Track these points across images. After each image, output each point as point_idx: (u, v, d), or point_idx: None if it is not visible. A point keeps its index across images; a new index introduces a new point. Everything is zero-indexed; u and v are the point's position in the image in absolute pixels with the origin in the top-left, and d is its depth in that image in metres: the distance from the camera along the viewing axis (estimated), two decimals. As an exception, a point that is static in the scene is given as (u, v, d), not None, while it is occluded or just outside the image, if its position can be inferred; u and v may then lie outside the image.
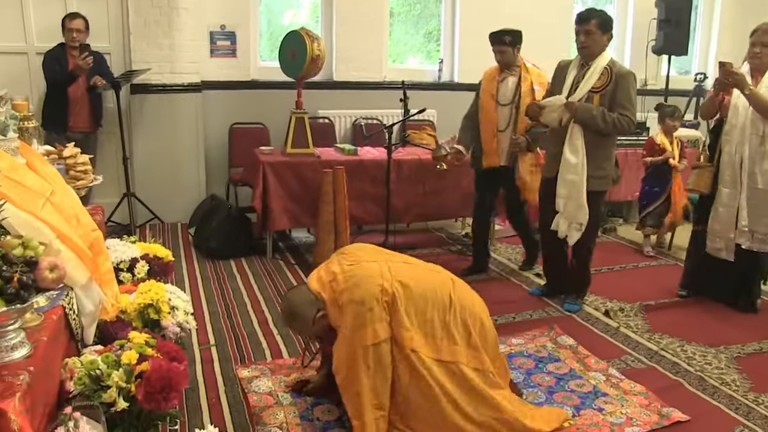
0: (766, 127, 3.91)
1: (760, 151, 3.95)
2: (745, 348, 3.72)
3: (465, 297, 2.81)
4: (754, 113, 3.92)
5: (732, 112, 4.01)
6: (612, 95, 3.88)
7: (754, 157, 3.96)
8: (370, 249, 2.92)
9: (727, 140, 4.06)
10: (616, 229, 6.35)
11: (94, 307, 2.22)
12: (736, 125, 4.01)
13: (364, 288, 2.59)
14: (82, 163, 2.89)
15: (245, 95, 6.27)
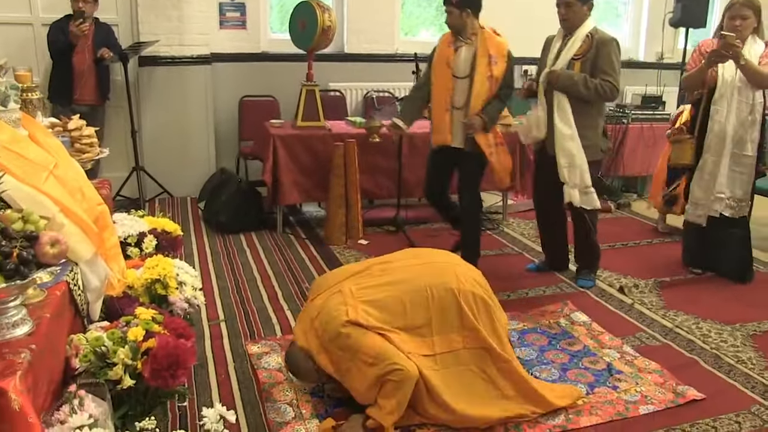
0: (756, 96, 4.01)
1: (749, 120, 4.04)
2: (761, 326, 3.66)
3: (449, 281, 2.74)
4: (742, 82, 3.98)
5: (720, 82, 4.05)
6: (594, 61, 3.87)
7: (744, 125, 4.05)
8: (333, 276, 2.89)
9: (716, 110, 4.09)
10: (631, 204, 6.27)
11: (99, 283, 2.19)
12: (724, 94, 4.05)
13: (333, 323, 2.59)
14: (87, 136, 2.83)
15: (255, 68, 6.19)
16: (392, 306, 2.65)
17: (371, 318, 2.59)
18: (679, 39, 7.30)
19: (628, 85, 7.47)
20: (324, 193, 5.00)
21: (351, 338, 2.54)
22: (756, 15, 4.00)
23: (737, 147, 4.10)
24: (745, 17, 3.97)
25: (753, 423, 2.72)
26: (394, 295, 2.67)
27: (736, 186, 4.16)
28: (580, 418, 2.71)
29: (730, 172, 4.14)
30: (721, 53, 3.89)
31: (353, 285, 2.71)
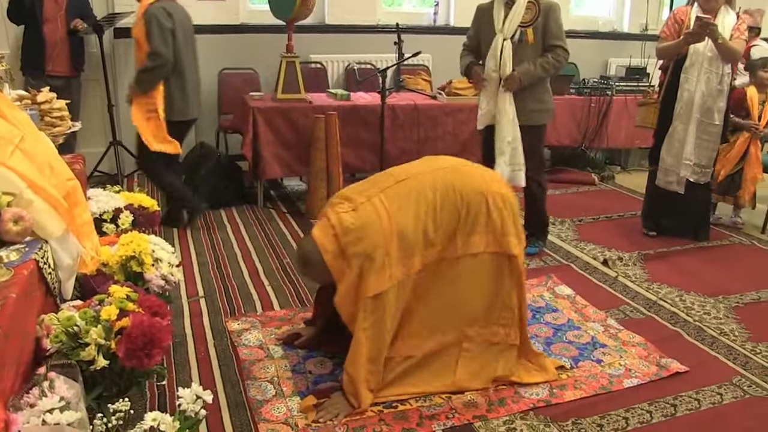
0: (725, 67, 4.16)
1: (717, 89, 4.18)
2: (743, 297, 3.67)
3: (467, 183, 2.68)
4: (712, 52, 4.12)
5: (692, 51, 4.18)
6: (544, 28, 3.92)
7: (713, 94, 4.18)
8: (358, 187, 2.78)
9: (686, 78, 4.22)
10: (614, 176, 6.25)
11: (71, 261, 2.13)
12: (695, 63, 4.18)
13: (367, 240, 2.49)
14: (58, 109, 2.75)
15: (234, 40, 6.05)
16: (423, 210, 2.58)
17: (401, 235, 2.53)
18: (664, 10, 7.25)
19: (612, 57, 7.44)
20: (305, 166, 4.93)
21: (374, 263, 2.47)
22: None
23: (705, 116, 4.23)
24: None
25: (734, 394, 2.72)
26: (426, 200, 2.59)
27: (702, 153, 4.30)
28: (564, 392, 2.69)
29: (698, 139, 4.28)
30: (697, 34, 4.04)
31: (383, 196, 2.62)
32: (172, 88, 4.21)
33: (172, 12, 4.13)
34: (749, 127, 4.59)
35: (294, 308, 3.37)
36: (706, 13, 4.11)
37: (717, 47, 4.08)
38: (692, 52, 4.18)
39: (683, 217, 4.54)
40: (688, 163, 4.31)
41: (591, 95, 6.18)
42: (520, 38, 3.91)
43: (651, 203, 4.66)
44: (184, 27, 4.24)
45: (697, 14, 4.11)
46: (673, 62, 4.34)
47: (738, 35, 4.13)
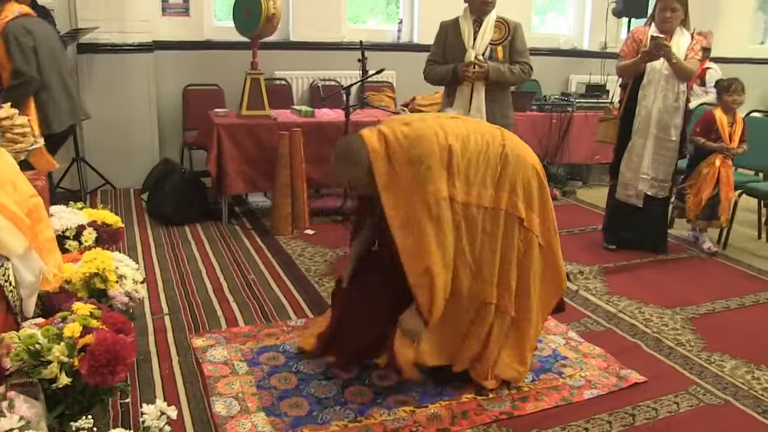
0: (681, 85, 4.34)
1: (674, 106, 4.34)
2: (699, 309, 3.77)
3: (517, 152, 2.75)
4: (669, 70, 4.29)
5: (649, 69, 4.34)
6: (512, 46, 4.11)
7: (669, 111, 4.34)
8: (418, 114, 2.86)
9: (644, 95, 4.38)
10: (576, 191, 6.37)
11: (34, 278, 2.12)
12: (652, 80, 4.34)
13: (422, 146, 2.52)
14: (20, 125, 2.73)
15: (199, 56, 6.07)
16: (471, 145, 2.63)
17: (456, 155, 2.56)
18: (622, 29, 7.44)
19: (573, 74, 7.60)
20: (270, 182, 4.94)
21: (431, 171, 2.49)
22: (683, 7, 4.30)
23: (662, 131, 4.39)
24: (675, 9, 4.25)
25: (690, 402, 2.80)
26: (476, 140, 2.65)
27: (660, 168, 4.44)
28: (526, 404, 2.74)
29: (655, 155, 4.43)
30: (652, 53, 4.19)
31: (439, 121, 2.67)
32: (43, 103, 4.15)
33: (32, 29, 4.04)
34: (722, 149, 4.59)
35: (259, 324, 3.37)
36: (662, 34, 4.27)
37: (671, 66, 4.23)
38: (650, 70, 4.33)
39: (642, 231, 4.65)
40: (646, 177, 4.44)
41: (552, 111, 6.31)
42: (490, 55, 4.05)
43: (611, 217, 4.77)
44: (47, 40, 4.17)
45: (652, 34, 4.26)
46: (632, 80, 4.47)
47: (692, 55, 4.29)
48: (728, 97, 4.64)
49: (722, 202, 4.64)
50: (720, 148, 4.60)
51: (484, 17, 4.10)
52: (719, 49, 8.01)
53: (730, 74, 8.10)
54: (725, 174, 4.62)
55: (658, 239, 4.70)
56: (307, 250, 4.50)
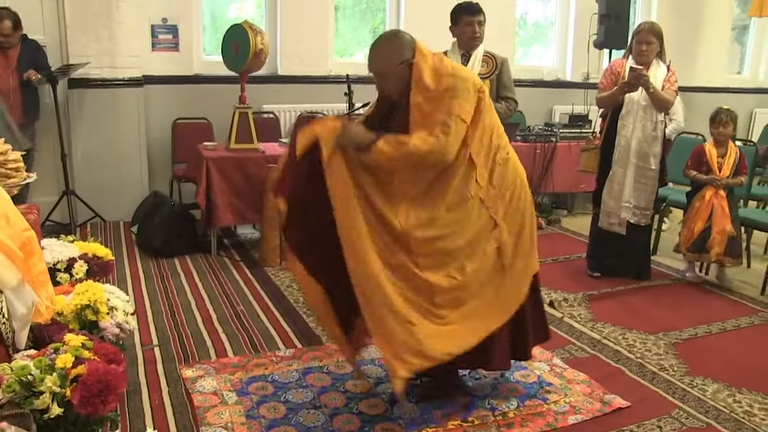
0: (659, 115, 4.46)
1: (652, 135, 4.47)
2: (682, 334, 3.83)
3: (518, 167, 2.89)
4: (646, 101, 4.42)
5: (627, 100, 4.47)
6: (499, 80, 4.27)
7: (648, 140, 4.47)
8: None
9: (623, 125, 4.51)
10: (561, 220, 6.46)
11: (26, 310, 2.16)
12: (630, 111, 4.48)
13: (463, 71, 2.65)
14: (13, 161, 2.79)
15: (188, 90, 6.15)
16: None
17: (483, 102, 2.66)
18: (604, 60, 7.58)
19: (556, 105, 7.74)
20: (258, 214, 5.00)
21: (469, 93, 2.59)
22: (659, 40, 4.44)
23: (641, 160, 4.51)
24: (650, 42, 4.41)
25: (673, 426, 2.85)
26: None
27: (641, 196, 4.55)
28: (511, 430, 2.78)
29: (636, 183, 4.55)
30: (631, 84, 4.33)
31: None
32: None
33: None
34: (711, 181, 4.56)
35: (248, 354, 3.41)
36: (641, 64, 4.40)
37: (649, 96, 4.36)
38: (628, 101, 4.46)
39: (626, 258, 4.73)
40: (628, 205, 4.54)
41: (536, 142, 6.42)
42: None
43: (595, 245, 4.85)
44: None
45: (631, 66, 4.39)
46: (611, 111, 4.59)
47: (668, 86, 4.42)
48: (713, 130, 4.63)
49: (714, 236, 4.51)
50: (709, 180, 4.58)
51: (472, 51, 4.23)
52: (698, 79, 8.21)
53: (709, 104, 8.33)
54: (719, 206, 4.52)
55: (642, 266, 4.78)
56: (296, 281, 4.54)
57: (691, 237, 4.62)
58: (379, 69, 2.69)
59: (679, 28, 8.07)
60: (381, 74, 2.70)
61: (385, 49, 2.68)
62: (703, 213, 4.59)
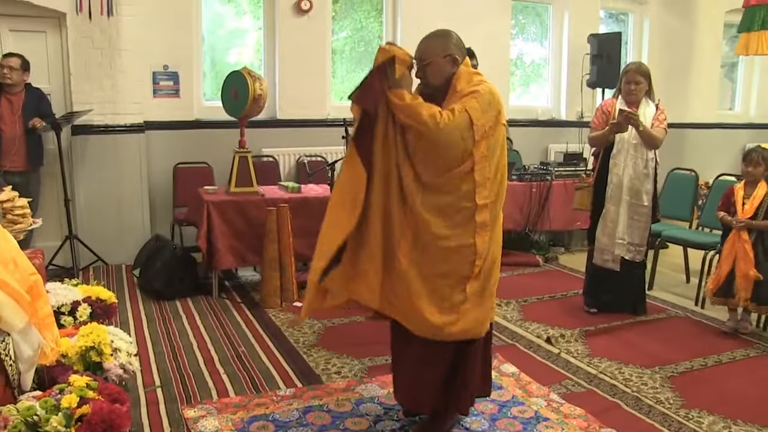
0: (649, 153, 4.56)
1: (644, 173, 4.55)
2: (677, 367, 3.88)
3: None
4: (637, 140, 4.51)
5: (618, 139, 4.58)
6: None
7: (640, 178, 4.55)
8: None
9: (615, 163, 4.60)
10: (558, 257, 6.52)
11: (32, 352, 2.22)
12: (621, 150, 4.57)
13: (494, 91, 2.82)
14: (20, 207, 2.88)
15: (189, 135, 6.28)
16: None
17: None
18: (597, 99, 7.75)
19: (551, 143, 7.86)
20: (258, 257, 5.06)
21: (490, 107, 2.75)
22: (647, 80, 4.56)
23: (634, 197, 4.59)
24: (638, 82, 4.53)
25: (670, 460, 2.88)
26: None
27: (635, 233, 4.62)
28: (509, 464, 2.81)
29: (629, 220, 4.62)
30: (621, 125, 4.43)
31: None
32: None
33: None
34: (729, 222, 4.43)
35: (249, 394, 3.45)
36: (628, 105, 4.53)
37: (639, 134, 4.46)
38: (619, 140, 4.56)
39: (621, 294, 4.79)
40: (621, 242, 4.61)
41: (532, 180, 6.51)
42: None
43: (591, 281, 4.91)
44: None
45: (620, 107, 4.51)
46: (603, 149, 4.69)
47: (657, 124, 4.52)
48: (744, 168, 4.47)
49: (737, 279, 4.33)
50: (729, 221, 4.45)
51: None
52: (690, 115, 8.36)
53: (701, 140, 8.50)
54: (741, 249, 4.32)
55: (638, 301, 4.84)
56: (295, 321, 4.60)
57: (718, 281, 4.45)
58: (423, 57, 2.84)
59: (670, 66, 8.26)
60: (423, 60, 2.84)
61: (434, 41, 2.86)
62: (727, 257, 4.42)
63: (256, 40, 6.81)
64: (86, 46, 5.60)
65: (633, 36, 8.52)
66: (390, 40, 7.04)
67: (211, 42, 6.72)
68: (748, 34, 7.06)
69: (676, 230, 5.65)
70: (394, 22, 7.07)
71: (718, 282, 4.46)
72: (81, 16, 5.40)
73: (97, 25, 5.55)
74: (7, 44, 5.46)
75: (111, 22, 5.60)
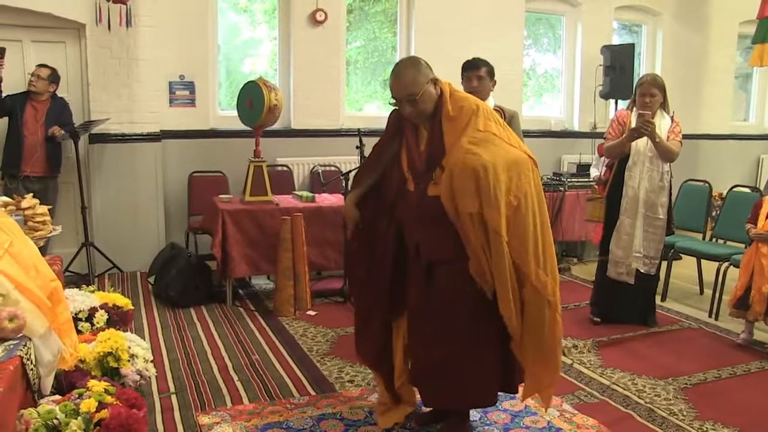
0: (665, 165, 4.54)
1: (659, 186, 4.54)
2: (691, 379, 3.86)
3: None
4: (653, 152, 4.50)
5: (634, 151, 4.55)
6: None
7: (655, 190, 4.53)
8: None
9: (630, 176, 4.57)
10: (570, 268, 6.52)
11: (52, 357, 2.26)
12: (637, 162, 4.55)
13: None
14: (40, 214, 2.93)
15: (204, 144, 6.34)
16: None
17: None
18: (610, 110, 7.75)
19: (564, 154, 7.87)
20: (272, 265, 5.10)
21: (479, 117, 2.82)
22: (661, 92, 4.53)
23: (649, 210, 4.57)
24: (653, 95, 4.51)
25: (683, 472, 2.88)
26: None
27: (650, 246, 4.60)
28: (522, 474, 2.82)
29: (644, 233, 4.59)
30: (640, 130, 4.38)
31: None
32: None
33: None
34: (748, 232, 4.43)
35: (263, 402, 3.47)
36: None
37: (655, 146, 4.44)
38: (635, 152, 4.53)
39: (632, 305, 4.77)
40: (638, 255, 4.57)
41: (545, 191, 6.47)
42: None
43: (600, 291, 4.88)
44: None
45: (640, 111, 4.47)
46: (618, 161, 4.67)
47: (673, 137, 4.51)
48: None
49: (752, 293, 4.29)
50: (752, 234, 4.40)
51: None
52: (704, 126, 8.35)
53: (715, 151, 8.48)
54: (758, 263, 4.28)
55: (648, 312, 4.82)
56: (309, 330, 4.62)
57: (737, 294, 4.42)
58: (413, 92, 2.80)
59: (684, 77, 8.26)
60: (415, 95, 2.80)
61: (412, 72, 2.83)
62: (744, 268, 4.40)
63: (271, 50, 6.88)
64: (104, 57, 5.69)
65: (646, 47, 8.52)
66: (403, 50, 7.10)
67: (226, 52, 6.79)
68: (762, 46, 7.07)
69: (690, 242, 5.63)
70: (408, 33, 7.12)
71: (737, 294, 4.43)
72: (100, 27, 5.48)
73: (116, 35, 5.63)
74: (29, 54, 5.56)
75: (129, 33, 5.68)
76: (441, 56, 6.70)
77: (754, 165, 9.04)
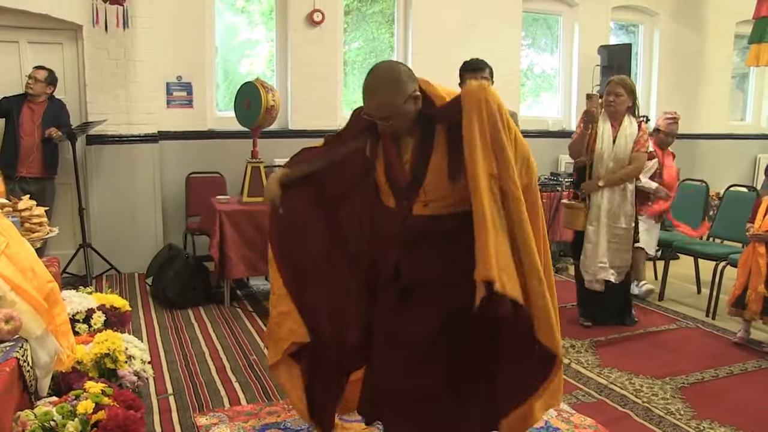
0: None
1: (623, 195, 4.48)
2: (688, 378, 3.87)
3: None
4: (615, 163, 4.41)
5: (597, 159, 4.45)
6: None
7: (618, 200, 4.47)
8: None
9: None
10: (568, 268, 6.52)
11: (49, 359, 2.26)
12: (600, 170, 4.45)
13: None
14: (37, 216, 2.93)
15: (202, 145, 6.34)
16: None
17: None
18: (607, 109, 7.73)
19: (562, 154, 7.86)
20: (270, 266, 5.08)
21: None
22: (629, 94, 4.44)
23: (612, 220, 4.50)
24: (619, 94, 4.41)
25: (681, 471, 2.88)
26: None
27: (615, 256, 4.53)
28: (519, 474, 2.81)
29: (608, 243, 4.52)
30: (589, 112, 4.33)
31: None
32: None
33: None
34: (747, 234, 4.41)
35: (261, 403, 3.47)
36: (612, 120, 4.46)
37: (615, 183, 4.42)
38: (596, 161, 4.44)
39: (608, 307, 4.75)
40: (603, 265, 4.52)
41: (543, 191, 6.51)
42: None
43: (581, 295, 4.83)
44: None
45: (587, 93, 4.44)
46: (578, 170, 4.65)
47: (638, 148, 4.43)
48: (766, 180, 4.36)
49: (749, 292, 4.30)
50: (748, 234, 4.40)
51: None
52: (701, 126, 8.37)
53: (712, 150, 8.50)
54: (754, 262, 4.28)
55: (624, 312, 4.82)
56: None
57: (735, 293, 4.43)
58: (386, 115, 2.40)
59: (681, 77, 8.28)
60: (385, 118, 2.41)
61: (389, 93, 2.37)
62: (742, 267, 4.40)
63: (269, 51, 6.88)
64: (102, 58, 5.69)
65: (643, 47, 8.53)
66: (401, 50, 7.10)
67: (223, 53, 6.79)
68: (758, 45, 7.08)
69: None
70: (405, 33, 7.12)
71: (735, 294, 4.44)
72: (97, 28, 5.47)
73: (113, 37, 5.63)
74: (26, 55, 5.56)
75: (126, 34, 5.67)
76: (438, 56, 6.76)
77: (751, 164, 9.05)
